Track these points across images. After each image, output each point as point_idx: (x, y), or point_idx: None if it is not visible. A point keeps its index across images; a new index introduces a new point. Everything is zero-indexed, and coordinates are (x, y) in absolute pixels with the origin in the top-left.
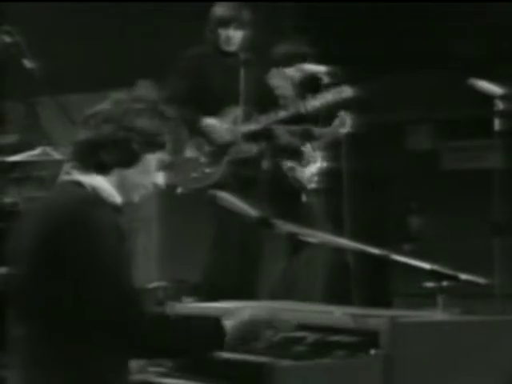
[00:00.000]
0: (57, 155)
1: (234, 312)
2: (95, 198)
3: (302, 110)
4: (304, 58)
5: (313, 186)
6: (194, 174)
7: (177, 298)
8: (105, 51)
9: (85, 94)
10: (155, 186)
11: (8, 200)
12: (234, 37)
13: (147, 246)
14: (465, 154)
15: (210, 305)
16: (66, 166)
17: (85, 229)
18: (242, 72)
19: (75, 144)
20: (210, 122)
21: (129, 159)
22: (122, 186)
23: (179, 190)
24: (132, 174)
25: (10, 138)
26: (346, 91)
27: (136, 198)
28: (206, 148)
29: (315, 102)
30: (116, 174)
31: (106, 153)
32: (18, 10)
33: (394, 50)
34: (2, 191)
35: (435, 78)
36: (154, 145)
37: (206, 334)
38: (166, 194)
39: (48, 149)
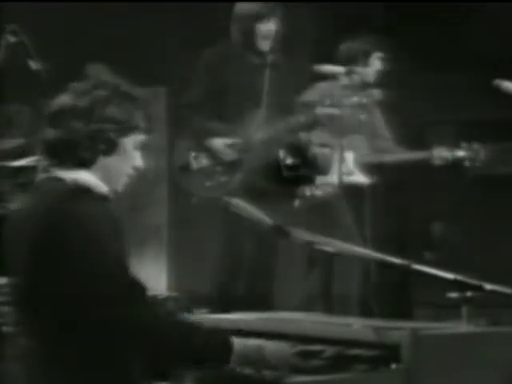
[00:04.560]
0: None
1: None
2: (79, 190)
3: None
4: (367, 55)
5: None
6: (208, 183)
7: (188, 308)
8: (111, 52)
9: None
10: (135, 168)
11: (13, 206)
12: (271, 31)
13: (158, 254)
14: (490, 157)
15: (221, 316)
16: (42, 165)
17: (75, 220)
18: (267, 74)
19: (47, 143)
20: (215, 143)
21: (107, 149)
22: (105, 176)
23: (194, 200)
24: (113, 161)
25: (15, 142)
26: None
27: (120, 186)
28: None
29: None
30: (97, 165)
31: (83, 149)
32: (22, 10)
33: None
34: (6, 197)
35: (459, 79)
36: (128, 129)
37: (214, 345)
38: (178, 203)
39: None
